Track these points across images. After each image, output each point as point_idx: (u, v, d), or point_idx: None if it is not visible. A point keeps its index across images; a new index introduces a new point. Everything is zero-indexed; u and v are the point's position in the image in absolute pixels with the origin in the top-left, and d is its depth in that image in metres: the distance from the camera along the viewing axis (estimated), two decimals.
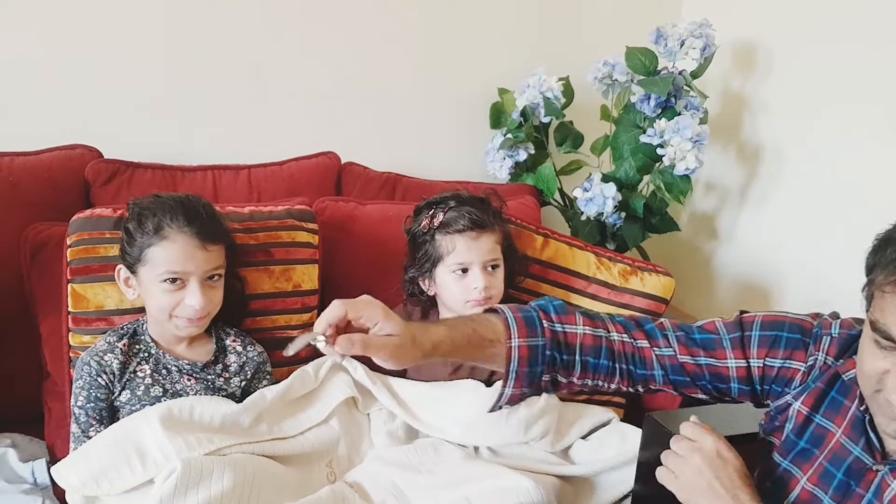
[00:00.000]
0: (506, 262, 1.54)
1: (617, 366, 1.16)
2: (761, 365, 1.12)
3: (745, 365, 1.13)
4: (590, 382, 1.17)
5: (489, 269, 1.49)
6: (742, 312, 1.18)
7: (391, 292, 1.62)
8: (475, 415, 1.45)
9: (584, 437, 1.53)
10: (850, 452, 1.03)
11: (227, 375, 1.43)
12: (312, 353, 1.58)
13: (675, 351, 1.16)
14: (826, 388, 1.07)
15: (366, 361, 1.55)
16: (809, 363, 1.10)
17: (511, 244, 1.57)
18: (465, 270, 1.48)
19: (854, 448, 1.03)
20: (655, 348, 1.16)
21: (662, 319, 1.21)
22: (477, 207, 1.50)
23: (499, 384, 1.48)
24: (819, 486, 1.05)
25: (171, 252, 1.31)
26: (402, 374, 1.58)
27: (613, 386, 1.17)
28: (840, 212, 1.89)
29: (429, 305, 1.58)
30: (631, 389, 1.19)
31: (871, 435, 1.01)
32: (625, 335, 1.17)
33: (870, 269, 0.95)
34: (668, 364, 1.16)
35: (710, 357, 1.14)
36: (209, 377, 1.41)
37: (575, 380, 1.16)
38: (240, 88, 1.92)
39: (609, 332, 1.17)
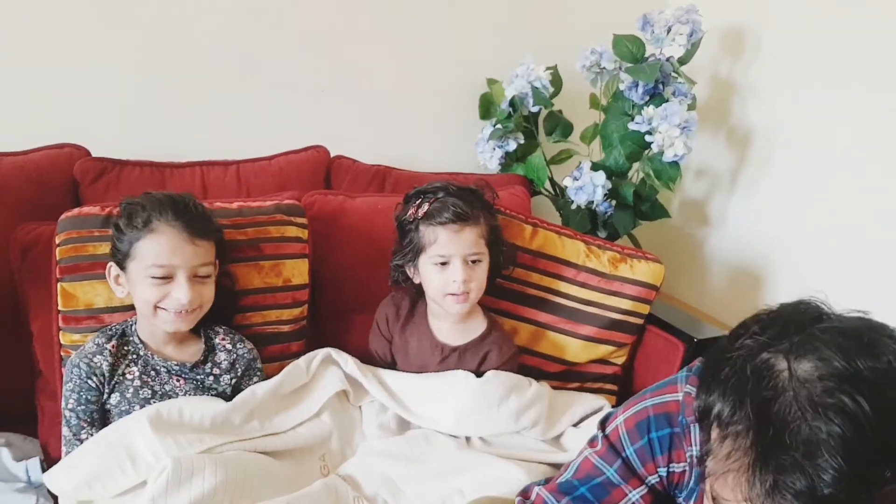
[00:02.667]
0: (491, 256, 1.53)
1: None
2: (657, 478, 1.01)
3: (646, 489, 1.01)
4: None
5: (470, 262, 1.48)
6: (602, 425, 1.07)
7: (381, 286, 1.62)
8: (466, 405, 1.46)
9: (575, 425, 1.54)
10: None
11: (217, 373, 1.43)
12: (303, 349, 1.60)
13: None
14: None
15: (358, 355, 1.57)
16: (688, 461, 0.98)
17: (497, 238, 1.56)
18: (445, 263, 1.48)
19: None
20: None
21: (539, 491, 1.09)
22: (464, 200, 1.49)
23: (489, 373, 1.51)
24: None
25: (158, 245, 1.32)
26: (392, 365, 1.59)
27: None
28: (831, 195, 1.89)
29: (417, 295, 1.59)
30: None
31: None
32: None
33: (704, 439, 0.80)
34: None
35: (606, 500, 1.02)
36: (198, 377, 1.41)
37: None
38: (227, 83, 1.92)
39: None
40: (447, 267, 1.48)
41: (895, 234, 1.75)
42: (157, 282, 1.32)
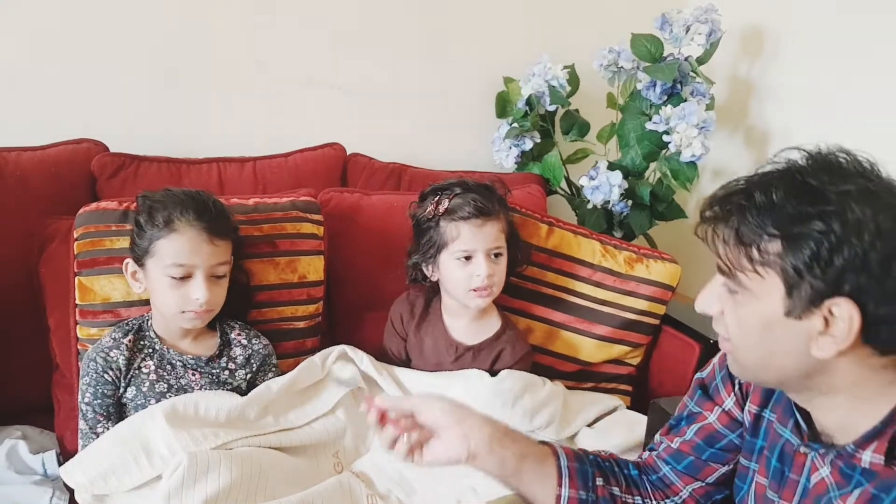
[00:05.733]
0: (508, 251, 1.53)
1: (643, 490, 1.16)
2: (733, 402, 1.10)
3: (722, 410, 1.10)
4: None
5: (493, 256, 1.49)
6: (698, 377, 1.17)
7: (396, 283, 1.62)
8: (480, 404, 1.44)
9: (590, 425, 1.53)
10: (780, 437, 1.01)
11: (232, 368, 1.43)
12: (318, 346, 1.60)
13: (667, 443, 1.15)
14: None
15: (372, 353, 1.57)
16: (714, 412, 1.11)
17: (514, 232, 1.57)
18: (468, 258, 1.48)
19: (784, 431, 1.00)
20: (653, 450, 1.18)
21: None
22: (482, 195, 1.49)
23: (504, 372, 1.50)
24: (766, 477, 1.02)
25: (179, 244, 1.32)
26: (406, 363, 1.59)
27: None
28: None
29: (432, 294, 1.59)
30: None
31: (798, 416, 0.97)
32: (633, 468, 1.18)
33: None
34: (668, 456, 1.15)
35: (693, 424, 1.13)
36: (214, 371, 1.42)
37: None
38: (245, 80, 1.93)
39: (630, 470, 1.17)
40: (470, 262, 1.48)
41: None
42: (174, 282, 1.33)
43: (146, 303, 1.43)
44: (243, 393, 1.40)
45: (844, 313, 0.83)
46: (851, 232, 0.81)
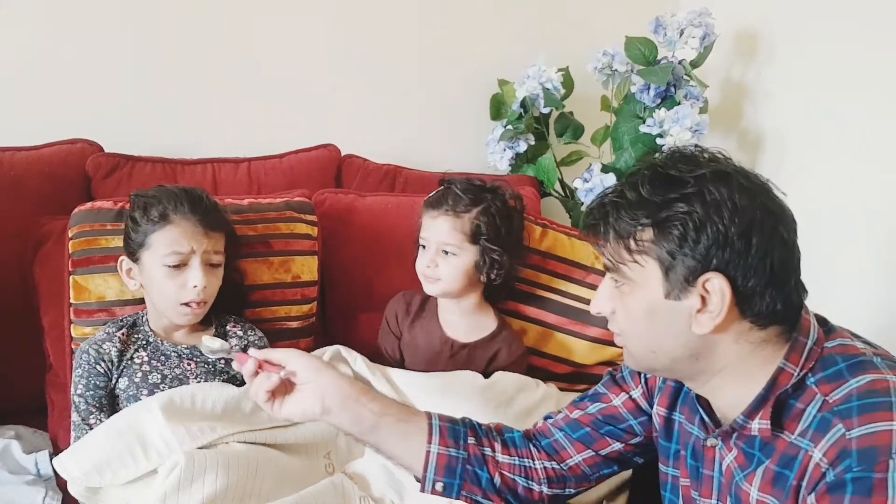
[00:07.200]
0: (486, 255, 1.49)
1: (528, 459, 1.18)
2: (640, 392, 1.14)
3: (628, 397, 1.15)
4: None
5: (443, 252, 1.49)
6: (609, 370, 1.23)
7: (390, 284, 1.63)
8: (473, 405, 1.45)
9: None
10: (690, 434, 1.05)
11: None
12: (312, 346, 1.60)
13: (566, 413, 1.19)
14: (677, 385, 1.08)
15: (366, 354, 1.57)
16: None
17: (488, 239, 1.49)
18: (425, 246, 1.51)
19: (693, 429, 1.04)
20: (549, 419, 1.22)
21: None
22: (466, 192, 1.49)
23: (497, 374, 1.51)
24: (687, 477, 1.06)
25: (174, 234, 1.34)
26: (400, 363, 1.59)
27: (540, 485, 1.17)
28: (842, 200, 1.88)
29: None
30: (553, 472, 1.18)
31: (701, 410, 1.01)
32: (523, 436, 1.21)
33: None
34: (564, 424, 1.18)
35: (597, 403, 1.17)
36: (210, 360, 1.41)
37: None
38: (240, 81, 1.93)
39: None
40: (424, 251, 1.51)
41: None
42: (171, 271, 1.33)
43: (141, 301, 1.43)
44: (239, 383, 1.40)
45: (716, 287, 0.88)
46: (711, 210, 0.87)
